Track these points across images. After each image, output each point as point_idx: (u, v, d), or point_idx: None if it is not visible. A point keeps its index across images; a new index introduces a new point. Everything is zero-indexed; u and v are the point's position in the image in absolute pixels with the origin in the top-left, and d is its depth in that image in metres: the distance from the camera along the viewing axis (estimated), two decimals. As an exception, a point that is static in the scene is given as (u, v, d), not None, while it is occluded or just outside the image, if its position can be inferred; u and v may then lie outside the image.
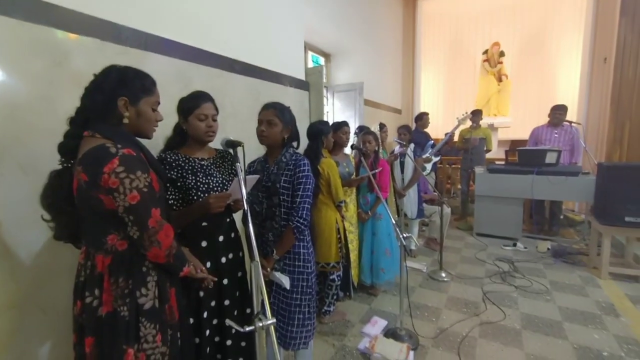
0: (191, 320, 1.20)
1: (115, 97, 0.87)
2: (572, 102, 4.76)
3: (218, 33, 1.90)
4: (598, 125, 4.15)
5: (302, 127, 2.80)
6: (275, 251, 1.31)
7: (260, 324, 0.83)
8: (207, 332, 1.25)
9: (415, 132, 4.40)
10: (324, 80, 3.33)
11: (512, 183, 3.62)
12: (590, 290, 2.52)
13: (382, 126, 3.23)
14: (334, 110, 3.61)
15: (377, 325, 2.03)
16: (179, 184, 1.21)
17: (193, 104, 1.23)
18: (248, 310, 1.39)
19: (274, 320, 0.85)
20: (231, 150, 1.13)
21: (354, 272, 2.35)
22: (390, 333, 1.90)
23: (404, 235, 1.78)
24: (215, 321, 1.30)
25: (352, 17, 3.90)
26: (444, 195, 5.69)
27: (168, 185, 1.17)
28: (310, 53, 3.47)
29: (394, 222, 1.86)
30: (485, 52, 6.42)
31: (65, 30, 1.22)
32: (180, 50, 1.66)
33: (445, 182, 5.76)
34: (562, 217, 4.18)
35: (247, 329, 0.83)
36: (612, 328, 2.01)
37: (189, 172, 1.22)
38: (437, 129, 6.10)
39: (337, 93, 3.59)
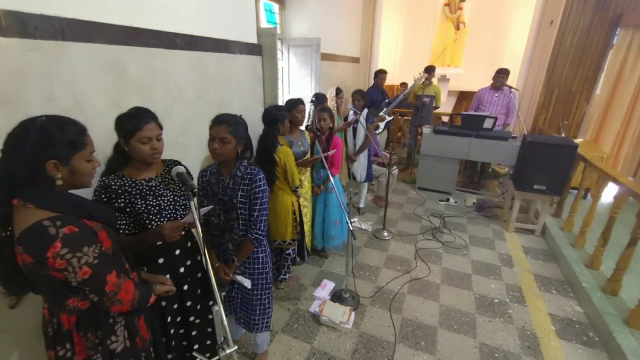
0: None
1: (41, 160, 0.78)
2: (515, 65, 5.01)
3: (152, 4, 1.61)
4: (532, 90, 4.51)
5: (256, 95, 2.67)
6: (235, 259, 1.42)
7: (224, 353, 0.99)
8: (172, 330, 1.40)
9: (372, 89, 4.41)
10: (279, 32, 3.04)
11: (453, 144, 3.96)
12: (497, 243, 3.11)
13: (338, 91, 3.18)
14: (289, 67, 3.40)
15: (326, 288, 2.37)
16: (128, 209, 1.19)
17: (133, 126, 1.14)
18: (210, 303, 1.55)
19: (236, 347, 1.01)
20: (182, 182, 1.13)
21: (307, 239, 2.59)
22: (337, 296, 2.25)
23: (352, 220, 1.99)
24: (178, 319, 1.44)
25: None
26: (394, 144, 6.02)
27: (117, 214, 1.15)
28: (262, 1, 3.06)
29: (344, 206, 2.05)
30: (448, -6, 6.18)
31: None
32: (108, 32, 1.40)
33: (396, 132, 6.03)
34: (490, 170, 4.79)
35: (213, 359, 0.98)
36: (505, 277, 2.59)
37: (137, 196, 1.19)
38: (394, 77, 6.09)
39: (293, 47, 3.33)
